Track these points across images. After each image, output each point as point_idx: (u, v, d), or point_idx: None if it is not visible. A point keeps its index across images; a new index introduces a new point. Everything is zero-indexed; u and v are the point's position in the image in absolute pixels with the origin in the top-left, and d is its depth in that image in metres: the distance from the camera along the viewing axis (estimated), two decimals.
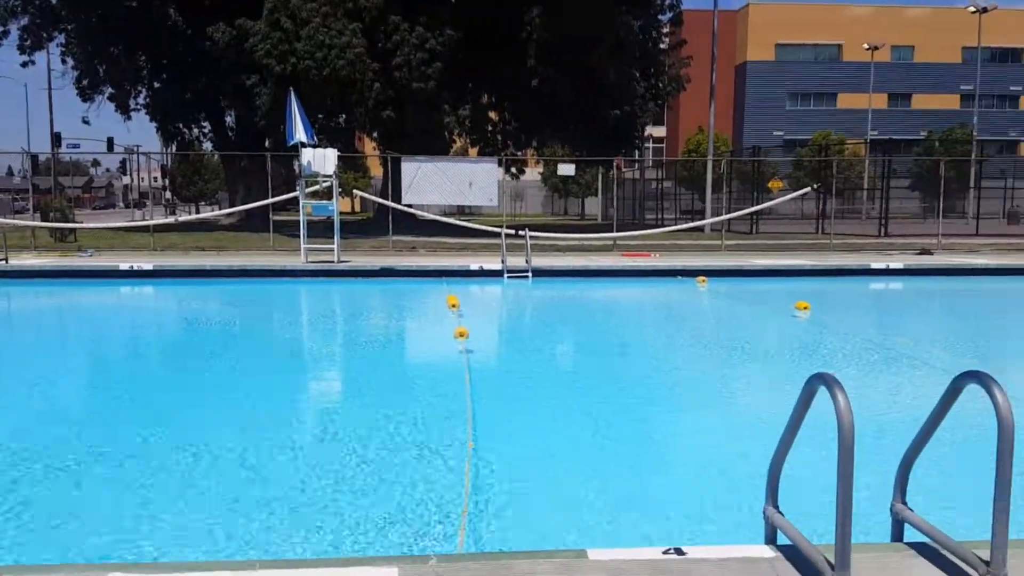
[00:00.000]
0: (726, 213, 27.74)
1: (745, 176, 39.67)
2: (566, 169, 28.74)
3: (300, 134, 17.65)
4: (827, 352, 10.33)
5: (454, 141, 36.32)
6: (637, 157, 41.14)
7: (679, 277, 17.43)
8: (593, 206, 58.83)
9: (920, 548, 3.31)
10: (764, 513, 3.59)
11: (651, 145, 68.58)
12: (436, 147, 29.63)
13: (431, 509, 4.67)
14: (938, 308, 16.14)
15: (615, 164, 31.43)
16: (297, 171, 18.07)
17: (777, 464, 3.53)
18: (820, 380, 3.06)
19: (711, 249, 22.81)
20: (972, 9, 51.43)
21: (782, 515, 3.49)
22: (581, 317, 13.93)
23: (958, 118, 61.00)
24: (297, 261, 17.67)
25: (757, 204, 31.07)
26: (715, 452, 6.05)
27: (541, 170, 58.16)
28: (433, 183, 21.96)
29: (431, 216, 25.12)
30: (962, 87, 64.64)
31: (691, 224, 29.58)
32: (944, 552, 3.19)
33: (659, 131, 70.30)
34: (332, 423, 6.76)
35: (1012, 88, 67.92)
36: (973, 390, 3.00)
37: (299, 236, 17.95)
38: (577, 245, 23.47)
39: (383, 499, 4.83)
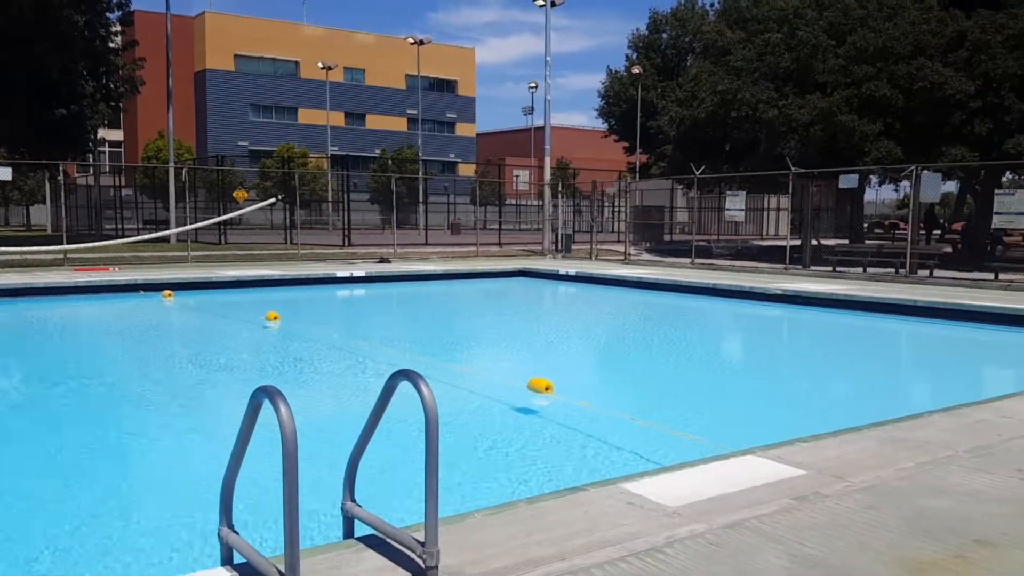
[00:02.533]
0: (192, 223, 26.68)
1: (211, 185, 38.74)
2: (1, 173, 24.68)
3: None
4: (296, 359, 10.51)
5: None
6: (91, 162, 37.28)
7: (142, 292, 16.20)
8: (41, 215, 51.75)
9: (369, 541, 3.45)
10: (219, 534, 3.40)
11: (107, 149, 62.99)
12: None
13: None
14: (396, 311, 17.67)
15: (63, 169, 28.00)
16: None
17: (229, 481, 3.36)
18: (263, 393, 2.97)
19: (177, 261, 21.72)
20: (411, 40, 57.82)
21: (237, 534, 3.34)
22: (22, 343, 12.01)
23: (407, 139, 68.19)
24: None
25: (224, 214, 30.54)
26: (179, 474, 5.66)
27: None
28: None
29: None
30: (408, 111, 72.30)
31: (155, 235, 27.83)
32: (389, 541, 3.37)
33: (115, 135, 64.92)
34: None
35: (448, 115, 78.16)
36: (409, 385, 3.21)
37: None
38: (19, 260, 20.33)
39: None
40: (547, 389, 7.96)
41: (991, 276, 17.95)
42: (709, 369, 10.62)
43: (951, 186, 34.39)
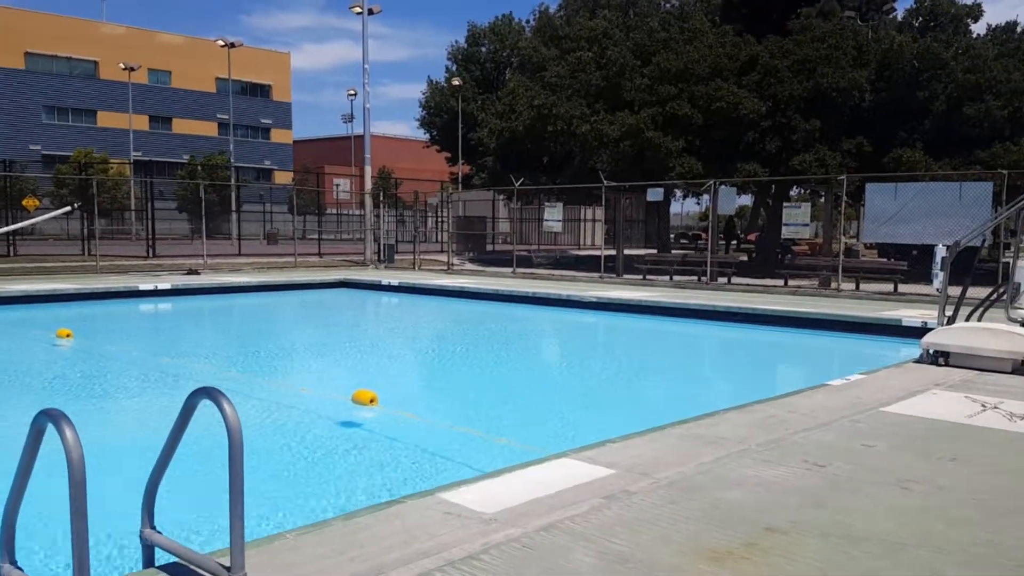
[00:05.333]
0: None
1: None
2: None
3: None
4: (91, 379, 9.75)
5: None
6: None
7: None
8: None
9: (171, 569, 3.25)
10: None
11: None
12: None
13: None
14: (206, 325, 16.80)
15: None
16: None
17: (10, 517, 3.06)
18: (46, 417, 2.73)
19: None
20: (222, 43, 55.40)
21: (21, 571, 3.04)
22: None
23: (218, 145, 65.16)
24: None
25: (11, 223, 27.85)
26: None
27: None
28: None
29: None
30: (219, 115, 69.15)
31: None
32: (192, 567, 3.19)
33: None
34: None
35: (263, 121, 75.49)
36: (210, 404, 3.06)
37: None
38: None
39: None
40: (372, 401, 7.85)
41: (782, 282, 19.59)
42: (529, 375, 10.88)
43: (746, 199, 37.32)
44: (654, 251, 30.68)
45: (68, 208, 25.11)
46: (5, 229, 26.84)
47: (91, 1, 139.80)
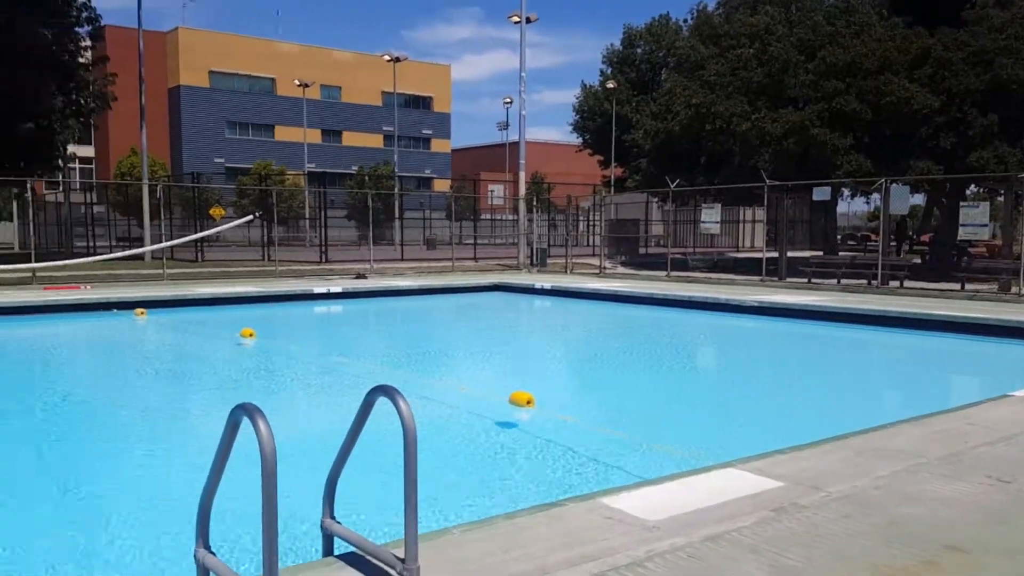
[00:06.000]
0: (167, 240, 26.45)
1: (187, 202, 38.49)
2: None
3: None
4: (273, 376, 10.44)
5: None
6: (60, 178, 36.88)
7: (114, 310, 16.00)
8: (7, 233, 51.02)
9: (349, 558, 3.43)
10: (195, 556, 3.36)
11: (78, 166, 62.38)
12: None
13: None
14: (373, 326, 17.60)
15: (31, 186, 27.71)
16: None
17: (206, 502, 3.33)
18: (242, 411, 2.96)
19: (152, 279, 21.50)
20: (387, 58, 57.95)
21: (214, 555, 3.30)
22: None
23: (383, 156, 68.13)
24: None
25: (200, 231, 30.32)
26: (152, 495, 5.59)
27: None
28: None
29: None
30: (384, 127, 72.32)
31: (129, 252, 27.57)
32: (369, 558, 3.35)
33: (86, 151, 64.31)
34: None
35: (424, 131, 78.27)
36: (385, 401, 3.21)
37: None
38: None
39: None
40: (528, 403, 7.97)
41: (958, 286, 18.23)
42: (687, 382, 10.68)
43: (919, 198, 34.98)
44: (819, 253, 29.34)
45: (250, 217, 27.07)
46: (195, 236, 29.23)
47: (269, 21, 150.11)
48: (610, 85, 45.41)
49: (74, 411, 8.65)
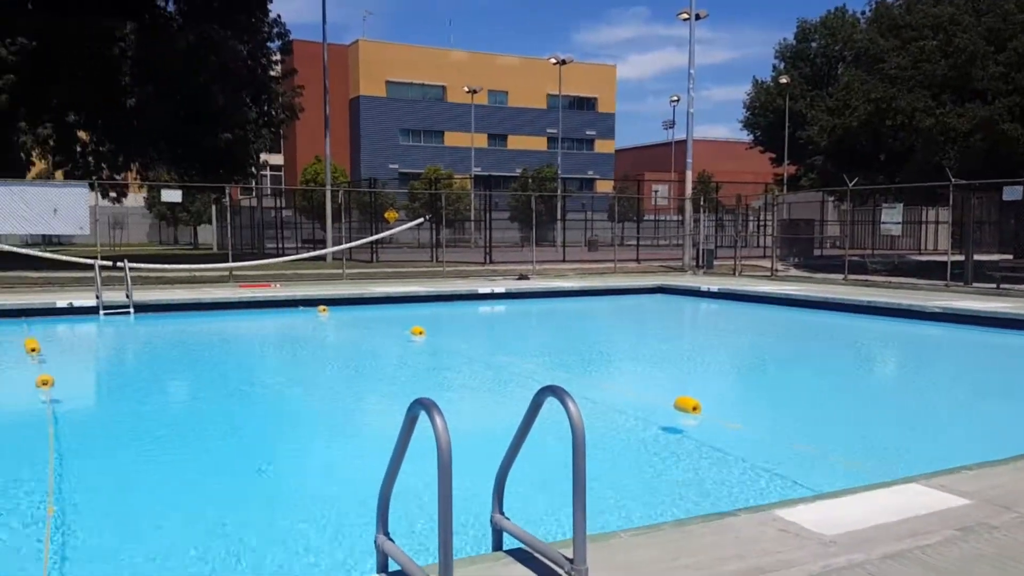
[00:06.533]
0: (346, 242, 28.01)
1: (364, 206, 40.57)
2: (171, 195, 26.83)
3: None
4: (440, 373, 10.83)
5: (33, 163, 31.98)
6: (253, 184, 39.86)
7: (300, 307, 17.14)
8: (207, 235, 55.77)
9: (517, 555, 3.52)
10: (375, 541, 3.57)
11: (269, 173, 67.15)
12: (11, 169, 25.88)
13: None
14: (535, 327, 17.85)
15: (229, 192, 30.17)
16: None
17: (386, 490, 3.53)
18: (420, 405, 3.11)
19: (333, 278, 22.84)
20: (553, 61, 58.56)
21: (392, 541, 3.49)
22: (192, 354, 12.98)
23: (546, 158, 68.85)
24: None
25: (376, 233, 31.88)
26: (333, 483, 5.96)
27: (146, 196, 53.72)
28: (8, 209, 19.07)
29: (6, 247, 21.72)
30: (548, 130, 73.07)
31: (312, 253, 29.40)
32: (537, 555, 3.43)
33: (276, 159, 69.14)
34: None
35: (588, 132, 78.38)
36: (553, 401, 3.28)
37: None
38: (188, 277, 21.98)
39: None
40: (695, 409, 7.84)
41: None
42: (865, 391, 10.12)
43: None
44: (1009, 256, 26.91)
45: (420, 220, 28.21)
46: (371, 238, 30.78)
47: (441, 31, 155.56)
48: (783, 80, 43.76)
49: (265, 399, 9.35)
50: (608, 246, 36.71)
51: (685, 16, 29.27)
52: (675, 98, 75.63)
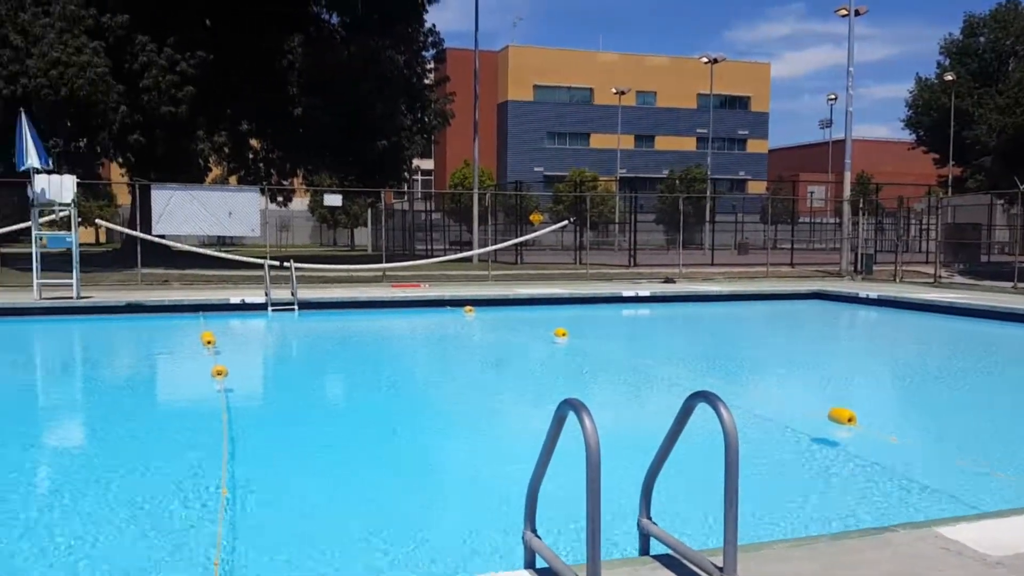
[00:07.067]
0: (492, 244, 28.59)
1: (510, 209, 41.27)
2: (333, 200, 28.33)
3: (32, 159, 15.97)
4: (583, 375, 10.89)
5: (211, 168, 34.58)
6: (406, 189, 41.38)
7: (448, 307, 17.66)
8: (363, 236, 58.38)
9: (665, 560, 3.53)
10: (523, 537, 3.66)
11: (419, 177, 69.39)
12: (191, 174, 28.09)
13: (183, 560, 4.33)
14: (681, 331, 17.58)
15: (383, 196, 31.48)
16: (30, 199, 16.31)
17: (534, 488, 3.62)
18: (568, 406, 3.19)
19: (479, 279, 23.37)
20: (705, 60, 57.38)
21: (539, 539, 3.58)
22: (350, 350, 13.68)
23: (695, 159, 67.53)
24: (29, 298, 15.88)
25: (521, 236, 32.35)
26: (481, 479, 6.14)
27: (309, 200, 56.90)
28: (188, 212, 20.73)
29: (187, 247, 23.62)
30: (698, 130, 71.63)
31: (460, 255, 30.18)
32: (685, 562, 3.43)
33: (427, 164, 71.37)
34: (75, 474, 6.09)
35: (740, 132, 76.27)
36: (703, 407, 3.27)
37: (32, 270, 16.18)
38: (346, 276, 23.11)
39: (128, 552, 4.42)
40: (850, 420, 7.52)
41: None
42: None
43: None
44: None
45: (565, 222, 28.37)
46: (516, 240, 31.25)
47: (591, 34, 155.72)
48: (948, 78, 41.07)
49: (415, 394, 9.73)
50: (760, 249, 35.61)
51: (844, 12, 27.98)
52: (832, 96, 72.24)
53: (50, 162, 17.95)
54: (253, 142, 32.79)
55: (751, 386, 10.60)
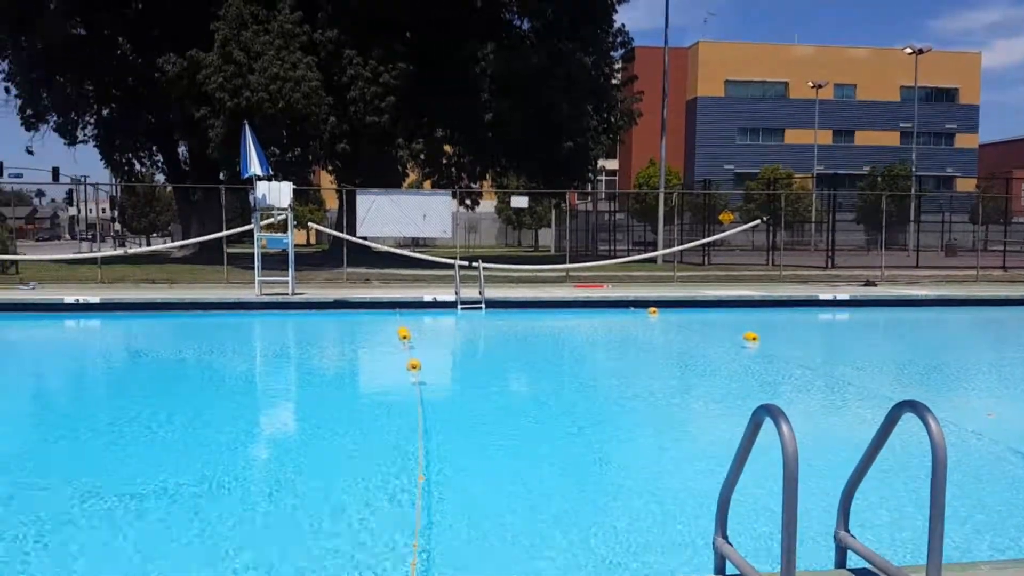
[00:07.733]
0: (678, 245, 28.18)
1: (697, 208, 40.46)
2: (519, 201, 29.02)
3: (255, 167, 17.58)
4: (775, 382, 10.54)
5: (408, 174, 36.45)
6: (590, 189, 41.61)
7: (631, 308, 17.63)
8: (547, 237, 59.30)
9: (863, 574, 3.41)
10: (713, 544, 3.66)
11: (604, 177, 69.54)
12: (390, 180, 29.79)
13: (379, 546, 4.65)
14: (882, 338, 16.55)
15: (567, 197, 31.84)
16: (252, 204, 17.97)
17: (726, 495, 3.61)
18: (766, 411, 3.16)
19: (663, 280, 23.13)
20: (909, 51, 53.55)
21: (731, 545, 3.57)
22: (535, 348, 14.01)
23: (898, 154, 63.15)
24: (251, 294, 17.50)
25: (708, 236, 31.64)
26: (669, 483, 6.13)
27: (495, 202, 58.58)
28: (387, 215, 22.01)
29: (385, 248, 25.07)
30: (901, 124, 66.95)
31: (644, 255, 30.00)
32: None
33: (611, 164, 71.36)
34: (282, 458, 6.70)
35: (948, 126, 70.58)
36: (909, 417, 3.14)
37: (253, 269, 17.82)
38: (530, 276, 23.63)
39: (330, 535, 4.80)
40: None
41: None
42: None
43: None
44: None
45: (757, 221, 27.46)
46: (703, 241, 30.61)
47: (785, 27, 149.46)
48: None
49: (601, 394, 9.82)
50: (969, 251, 32.78)
51: None
52: None
53: (270, 170, 19.68)
54: (446, 148, 34.24)
55: (957, 397, 9.84)
